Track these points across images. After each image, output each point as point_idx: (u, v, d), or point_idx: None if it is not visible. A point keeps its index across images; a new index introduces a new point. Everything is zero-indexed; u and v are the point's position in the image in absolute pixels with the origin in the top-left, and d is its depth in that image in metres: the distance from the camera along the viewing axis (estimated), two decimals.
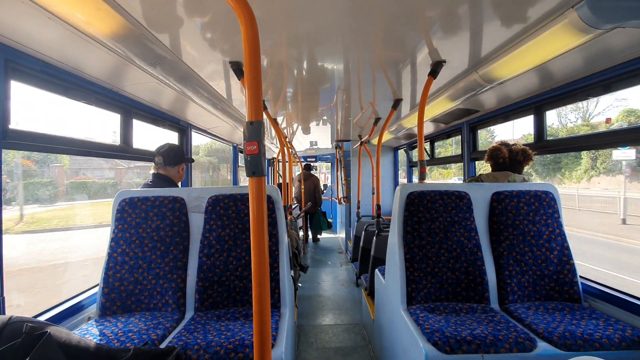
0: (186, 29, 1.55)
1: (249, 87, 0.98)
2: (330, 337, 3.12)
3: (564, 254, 1.94)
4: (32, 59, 1.49)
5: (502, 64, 1.80)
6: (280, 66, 2.17)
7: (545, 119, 2.36)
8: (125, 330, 1.52)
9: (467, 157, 3.26)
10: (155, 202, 1.94)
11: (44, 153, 2.18)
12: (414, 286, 1.93)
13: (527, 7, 1.37)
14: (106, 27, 1.33)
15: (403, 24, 1.56)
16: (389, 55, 1.99)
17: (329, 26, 1.58)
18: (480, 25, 1.56)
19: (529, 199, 2.02)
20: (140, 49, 1.55)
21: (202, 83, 2.27)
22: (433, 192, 2.04)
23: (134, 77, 1.96)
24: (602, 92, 1.87)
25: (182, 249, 1.92)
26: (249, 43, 0.96)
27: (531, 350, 1.44)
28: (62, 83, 1.69)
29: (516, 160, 2.22)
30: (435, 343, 1.48)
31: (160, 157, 2.24)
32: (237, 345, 1.39)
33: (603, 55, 1.64)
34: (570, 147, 2.24)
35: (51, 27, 1.31)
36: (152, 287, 1.84)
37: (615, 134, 1.86)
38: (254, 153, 1.00)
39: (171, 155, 2.26)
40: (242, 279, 1.88)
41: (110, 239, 1.88)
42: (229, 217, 1.96)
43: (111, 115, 2.16)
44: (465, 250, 1.97)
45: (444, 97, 2.55)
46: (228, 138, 4.50)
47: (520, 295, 1.90)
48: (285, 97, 3.04)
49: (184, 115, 2.96)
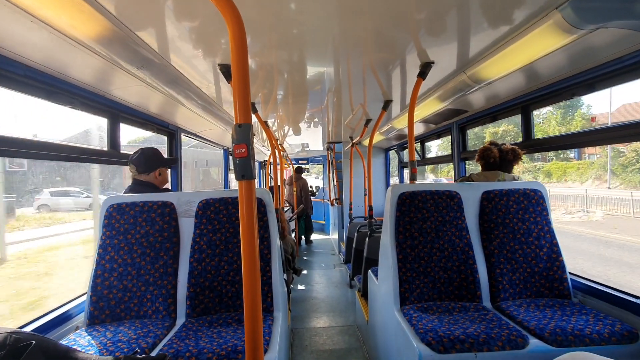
0: (173, 31, 1.53)
1: (237, 89, 0.97)
2: (325, 340, 3.10)
3: (553, 250, 1.97)
4: (15, 63, 1.45)
5: (490, 65, 1.83)
6: (270, 68, 2.16)
7: (532, 118, 2.40)
8: (114, 339, 1.49)
9: (457, 157, 3.29)
10: (144, 208, 1.91)
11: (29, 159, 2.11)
12: (407, 286, 1.93)
13: (513, 9, 1.39)
14: (91, 30, 1.30)
15: (392, 26, 1.56)
16: (378, 57, 1.99)
17: (318, 28, 1.58)
18: (467, 27, 1.58)
19: (518, 198, 2.04)
20: (126, 52, 1.53)
21: (191, 86, 2.24)
22: (424, 192, 2.05)
23: (121, 81, 1.93)
24: (586, 91, 1.91)
25: (172, 254, 1.89)
26: (237, 45, 0.95)
27: (523, 347, 1.46)
28: (46, 87, 1.65)
29: (506, 160, 2.25)
30: (428, 343, 1.48)
31: (133, 166, 2.15)
32: (230, 351, 1.37)
33: (587, 55, 1.67)
34: (557, 145, 2.28)
35: (35, 31, 1.28)
36: (141, 294, 1.81)
37: (601, 132, 1.89)
38: (242, 156, 0.99)
39: (142, 162, 2.15)
40: (234, 284, 1.86)
41: (97, 246, 1.84)
42: (220, 221, 1.93)
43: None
44: (456, 249, 1.98)
45: (434, 97, 2.57)
46: (219, 141, 4.47)
47: (512, 293, 1.92)
48: (275, 100, 3.03)
49: (173, 119, 2.93)
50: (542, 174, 24.70)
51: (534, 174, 24.93)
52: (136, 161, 2.14)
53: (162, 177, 2.23)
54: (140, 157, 2.15)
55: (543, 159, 25.72)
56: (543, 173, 24.83)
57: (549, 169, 24.66)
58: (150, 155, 2.18)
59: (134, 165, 2.14)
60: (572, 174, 23.13)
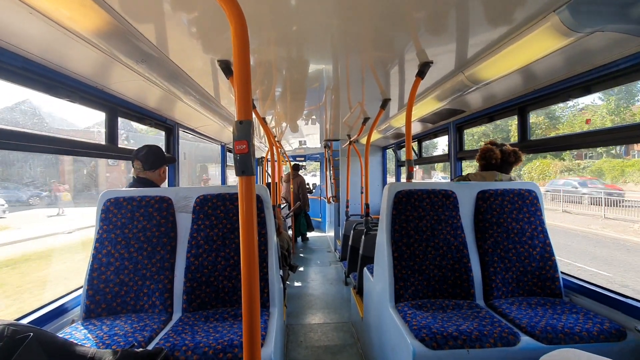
0: (173, 26, 1.52)
1: (238, 86, 0.98)
2: (319, 336, 3.13)
3: (545, 250, 2.00)
4: (13, 55, 1.44)
5: (488, 66, 1.84)
6: (269, 65, 2.16)
7: (528, 119, 2.42)
8: (111, 333, 1.49)
9: (454, 156, 3.32)
10: (141, 202, 1.91)
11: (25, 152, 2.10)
12: (402, 284, 1.95)
13: (512, 11, 1.40)
14: (90, 23, 1.30)
15: (391, 25, 1.57)
16: (377, 56, 2.00)
17: (318, 26, 1.58)
18: (466, 27, 1.59)
19: (513, 197, 2.07)
20: (125, 46, 1.52)
21: (189, 81, 2.24)
22: (420, 191, 2.07)
23: (119, 75, 1.92)
24: (582, 93, 1.93)
25: (169, 249, 1.89)
26: (239, 41, 0.96)
27: (515, 345, 1.48)
28: (44, 80, 1.64)
29: (507, 162, 2.25)
30: (422, 339, 1.50)
31: (139, 162, 2.14)
32: (226, 345, 1.39)
33: (583, 58, 1.69)
34: (553, 147, 2.30)
35: (33, 23, 1.28)
36: (138, 289, 1.81)
37: (597, 134, 1.92)
38: (243, 152, 0.99)
39: (151, 159, 2.15)
40: (230, 279, 1.87)
41: (94, 240, 1.84)
42: (217, 216, 1.94)
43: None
44: (451, 247, 2.01)
45: (431, 97, 2.58)
46: (216, 137, 4.46)
47: (505, 291, 1.95)
48: (274, 97, 3.03)
49: (171, 114, 2.92)
50: (588, 173, 19.88)
51: (577, 173, 20.00)
52: (143, 158, 2.13)
53: (164, 175, 2.24)
54: (148, 154, 2.14)
55: (579, 156, 21.17)
56: (590, 172, 19.85)
57: (599, 167, 19.87)
58: (157, 152, 2.19)
59: (140, 162, 2.13)
60: (634, 174, 17.80)
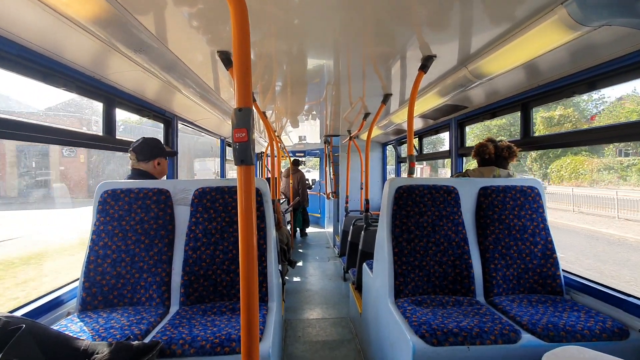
0: (173, 15, 1.49)
1: (238, 72, 0.95)
2: (318, 331, 3.12)
3: (547, 247, 1.98)
4: (9, 42, 1.41)
5: (492, 60, 1.81)
6: (270, 59, 2.12)
7: (531, 116, 2.40)
8: (106, 325, 1.48)
9: (455, 152, 3.30)
10: (139, 195, 1.89)
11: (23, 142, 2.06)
12: (402, 279, 1.94)
13: (518, 3, 1.37)
14: (88, 10, 1.27)
15: (395, 18, 1.54)
16: (379, 50, 1.97)
17: (319, 19, 1.55)
18: (470, 21, 1.56)
19: (515, 194, 2.05)
20: (124, 35, 1.49)
21: (188, 73, 2.21)
22: (422, 187, 2.05)
23: (117, 65, 1.89)
24: (587, 89, 1.90)
25: (167, 242, 1.88)
26: (239, 28, 0.93)
27: (515, 342, 1.47)
28: (41, 69, 1.61)
29: (501, 157, 2.27)
30: (422, 335, 1.49)
31: (133, 153, 2.14)
32: (224, 339, 1.37)
33: (588, 53, 1.67)
34: (556, 143, 2.28)
35: (29, 9, 1.24)
36: (135, 281, 1.80)
37: (600, 131, 1.90)
38: (242, 140, 0.97)
39: (145, 151, 2.15)
40: (228, 273, 1.86)
41: (91, 232, 1.81)
42: (216, 210, 1.92)
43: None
44: (452, 244, 1.99)
45: (433, 92, 2.55)
46: (215, 131, 4.43)
47: (505, 288, 1.94)
48: (274, 91, 3.00)
49: (170, 106, 2.89)
50: (635, 172, 17.51)
51: (620, 173, 17.94)
52: (137, 149, 2.13)
53: (160, 167, 2.22)
54: (142, 145, 2.14)
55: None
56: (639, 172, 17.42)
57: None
58: (152, 144, 2.18)
59: (134, 153, 2.13)
60: None
